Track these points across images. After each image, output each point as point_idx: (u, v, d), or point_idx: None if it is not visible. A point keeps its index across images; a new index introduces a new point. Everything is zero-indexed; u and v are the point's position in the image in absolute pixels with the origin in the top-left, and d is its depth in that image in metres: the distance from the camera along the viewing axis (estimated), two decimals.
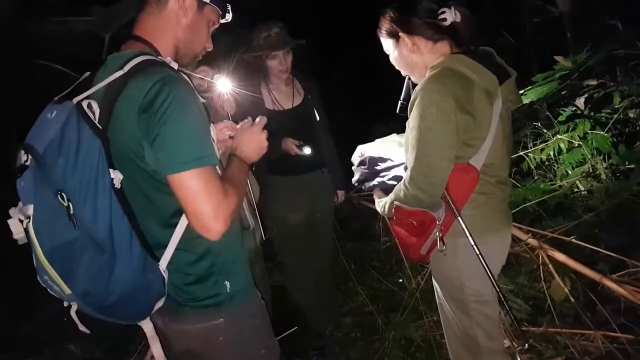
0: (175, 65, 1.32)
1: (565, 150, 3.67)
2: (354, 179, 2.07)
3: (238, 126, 1.56)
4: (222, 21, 1.50)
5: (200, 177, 1.22)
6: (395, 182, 1.87)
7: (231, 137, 1.55)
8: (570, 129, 3.68)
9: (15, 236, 1.19)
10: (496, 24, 4.95)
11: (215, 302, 1.38)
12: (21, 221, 1.17)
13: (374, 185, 1.95)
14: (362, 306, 3.48)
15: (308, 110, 2.89)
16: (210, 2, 1.41)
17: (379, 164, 2.00)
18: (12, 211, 1.19)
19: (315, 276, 3.05)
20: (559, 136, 3.71)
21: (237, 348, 1.43)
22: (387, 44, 1.80)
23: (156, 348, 1.42)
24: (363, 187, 2.02)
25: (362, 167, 2.03)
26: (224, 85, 1.89)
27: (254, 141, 1.49)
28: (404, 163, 1.95)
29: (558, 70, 3.72)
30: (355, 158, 2.07)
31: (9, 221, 1.18)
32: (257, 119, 1.54)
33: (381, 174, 1.96)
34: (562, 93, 3.94)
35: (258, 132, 1.51)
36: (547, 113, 4.04)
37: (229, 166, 1.43)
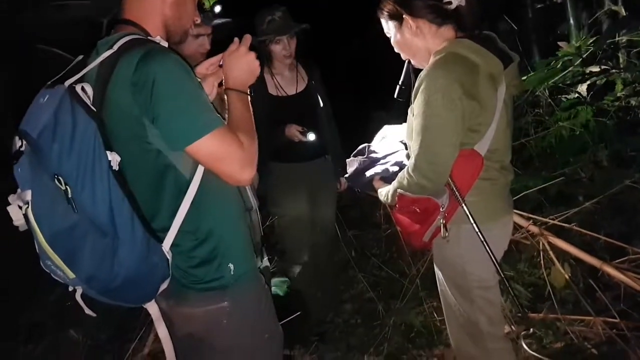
0: (165, 44, 1.32)
1: (567, 138, 3.66)
2: (349, 172, 2.05)
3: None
4: None
5: (216, 139, 1.24)
6: (397, 168, 1.86)
7: (221, 66, 1.50)
8: (572, 116, 3.66)
9: (16, 223, 1.18)
10: (498, 8, 4.91)
11: (219, 284, 1.38)
12: (20, 207, 1.16)
13: (375, 173, 1.94)
14: (362, 293, 3.49)
15: (312, 96, 2.87)
16: None
17: (377, 151, 1.99)
18: (11, 198, 1.18)
19: (317, 263, 3.05)
20: (560, 123, 3.69)
21: (241, 332, 1.43)
22: (389, 27, 1.77)
23: (162, 330, 1.42)
24: (360, 181, 1.99)
25: (360, 156, 2.02)
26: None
27: (243, 63, 1.44)
28: (401, 150, 1.94)
29: (561, 56, 3.69)
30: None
31: (8, 208, 1.17)
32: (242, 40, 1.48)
33: (381, 161, 1.95)
34: (565, 80, 3.92)
35: (245, 52, 1.45)
36: (549, 100, 4.02)
37: (230, 109, 1.41)
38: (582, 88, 3.67)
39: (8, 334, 3.01)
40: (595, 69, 3.64)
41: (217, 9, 2.02)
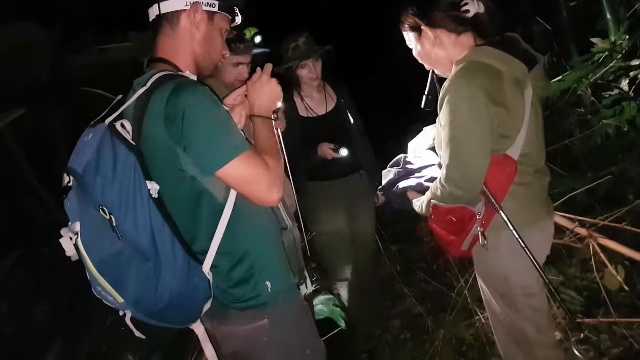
0: (194, 77, 1.40)
1: (613, 136, 3.52)
2: (384, 183, 2.07)
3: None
4: (233, 25, 1.56)
5: (243, 163, 1.30)
6: (431, 184, 1.86)
7: (247, 96, 1.57)
8: (617, 113, 3.52)
9: (68, 253, 1.28)
10: (531, 11, 4.81)
11: (258, 303, 1.42)
12: (71, 239, 1.25)
13: (409, 186, 1.94)
14: (410, 308, 3.46)
15: (342, 114, 2.93)
16: (218, 10, 1.47)
17: (412, 163, 1.99)
18: (63, 231, 1.28)
19: (360, 279, 3.06)
20: (605, 121, 3.55)
21: (282, 349, 1.47)
22: (410, 39, 1.79)
23: (209, 350, 1.47)
24: (395, 190, 2.00)
25: (395, 167, 2.03)
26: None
27: (266, 90, 1.51)
28: (436, 163, 1.93)
29: (595, 53, 3.58)
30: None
31: (61, 240, 1.27)
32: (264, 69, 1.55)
33: (416, 175, 1.95)
34: (606, 76, 3.78)
35: (267, 80, 1.52)
36: (592, 98, 3.88)
37: (255, 135, 1.48)
38: (625, 83, 3.53)
39: None
40: (637, 62, 3.50)
41: (258, 39, 2.10)
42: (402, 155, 2.08)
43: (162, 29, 1.45)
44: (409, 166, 2.02)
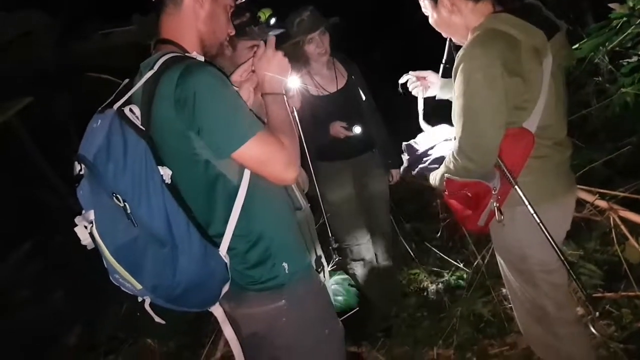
0: (201, 58, 1.37)
1: (631, 105, 3.42)
2: (402, 168, 2.04)
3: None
4: (238, 2, 1.52)
5: (258, 143, 1.29)
6: (437, 165, 1.82)
7: (254, 72, 1.52)
8: (636, 80, 3.42)
9: (83, 242, 1.26)
10: None
11: (275, 284, 1.41)
12: (86, 227, 1.24)
13: (417, 171, 1.90)
14: (426, 285, 3.44)
15: (353, 91, 2.87)
16: None
17: (417, 149, 1.95)
18: (77, 219, 1.26)
19: (375, 258, 3.04)
20: (623, 90, 3.45)
21: (301, 329, 1.46)
22: (426, 6, 1.72)
23: (228, 331, 1.47)
24: (412, 173, 1.97)
25: (404, 154, 2.00)
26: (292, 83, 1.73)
27: (273, 64, 1.46)
28: (440, 141, 1.89)
29: (613, 19, 3.46)
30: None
31: (76, 229, 1.25)
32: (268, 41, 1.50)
33: (423, 159, 1.91)
34: (624, 43, 3.66)
35: (272, 54, 1.47)
36: (610, 66, 3.77)
37: (267, 113, 1.44)
38: None
39: (89, 347, 3.21)
40: None
41: (272, 21, 2.06)
42: (404, 144, 2.03)
43: (165, 9, 1.42)
44: (417, 152, 1.97)
